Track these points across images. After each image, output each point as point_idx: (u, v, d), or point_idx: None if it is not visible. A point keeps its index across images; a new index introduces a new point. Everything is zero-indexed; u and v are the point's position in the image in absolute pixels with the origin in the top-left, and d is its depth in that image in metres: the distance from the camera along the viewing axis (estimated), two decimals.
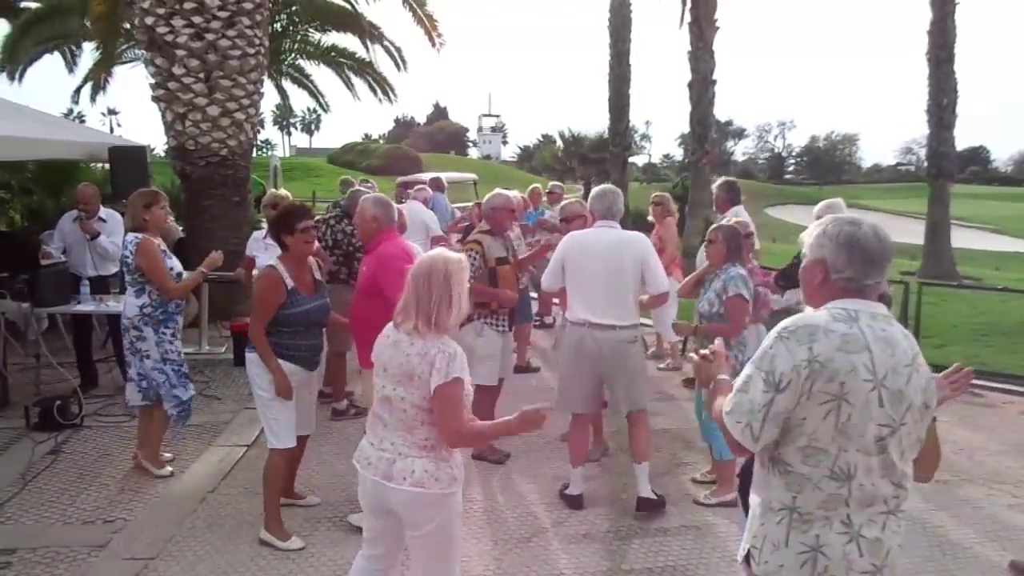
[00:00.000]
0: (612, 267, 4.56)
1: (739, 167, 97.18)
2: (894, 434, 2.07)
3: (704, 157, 16.56)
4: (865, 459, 2.06)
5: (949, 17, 18.30)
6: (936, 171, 19.24)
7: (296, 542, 4.25)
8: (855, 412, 2.03)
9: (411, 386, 2.79)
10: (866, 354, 2.04)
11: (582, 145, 35.86)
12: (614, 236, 4.70)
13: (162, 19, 8.35)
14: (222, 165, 8.85)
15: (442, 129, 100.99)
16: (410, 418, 2.81)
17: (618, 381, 4.72)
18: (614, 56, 20.81)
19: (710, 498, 4.88)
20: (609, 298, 4.57)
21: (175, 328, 5.03)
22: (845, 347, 2.04)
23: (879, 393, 2.04)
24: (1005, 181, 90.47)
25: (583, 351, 4.65)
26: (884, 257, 2.15)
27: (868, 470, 2.07)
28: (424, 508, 2.82)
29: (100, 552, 4.21)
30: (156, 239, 4.93)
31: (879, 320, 2.11)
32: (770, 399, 2.07)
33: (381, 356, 2.90)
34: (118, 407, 6.48)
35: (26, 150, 7.27)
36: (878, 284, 2.16)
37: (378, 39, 15.68)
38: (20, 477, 5.13)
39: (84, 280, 6.67)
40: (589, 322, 4.59)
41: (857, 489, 2.07)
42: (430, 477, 2.80)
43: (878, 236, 2.13)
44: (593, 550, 4.30)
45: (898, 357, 2.07)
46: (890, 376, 2.05)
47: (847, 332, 2.06)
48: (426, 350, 2.77)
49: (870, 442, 2.05)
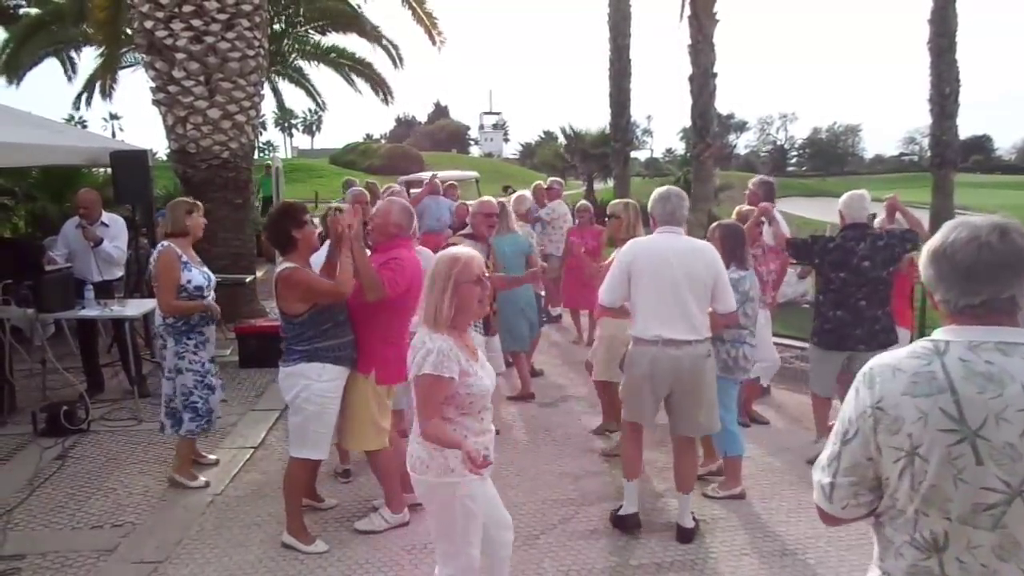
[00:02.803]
0: (688, 276, 4.11)
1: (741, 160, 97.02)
2: (1012, 503, 1.58)
3: (706, 151, 16.52)
4: (962, 529, 1.62)
5: (950, 5, 18.25)
6: (939, 160, 19.22)
7: (320, 545, 4.24)
8: (931, 469, 1.62)
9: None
10: (946, 396, 1.61)
11: (584, 141, 35.77)
12: (686, 243, 4.27)
13: (161, 23, 8.35)
14: (223, 168, 8.85)
15: (443, 128, 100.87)
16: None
17: (689, 400, 4.28)
18: (614, 51, 20.78)
19: (718, 491, 4.88)
20: (685, 310, 4.14)
21: (199, 340, 4.95)
22: (913, 389, 1.64)
23: (972, 446, 1.58)
24: (1009, 169, 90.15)
25: (658, 370, 4.20)
26: (991, 267, 1.64)
27: (971, 545, 1.62)
28: (420, 489, 3.01)
29: (109, 556, 4.22)
30: (182, 250, 4.92)
31: (985, 351, 1.62)
32: (838, 451, 1.78)
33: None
34: (125, 412, 6.50)
35: (29, 156, 7.29)
36: (998, 301, 1.65)
37: (377, 39, 15.71)
38: (28, 483, 5.14)
39: (89, 285, 6.68)
40: (663, 338, 4.14)
41: (954, 565, 1.65)
42: (421, 464, 2.94)
43: (980, 239, 1.65)
44: (601, 546, 4.30)
45: (1008, 398, 1.57)
46: (992, 425, 1.57)
47: (920, 371, 1.65)
48: (417, 346, 2.90)
49: (968, 510, 1.60)
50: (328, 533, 4.43)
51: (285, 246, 4.19)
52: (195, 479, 5.10)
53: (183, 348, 4.91)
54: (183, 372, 4.94)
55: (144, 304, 7.05)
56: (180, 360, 4.92)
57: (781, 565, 4.10)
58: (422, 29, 14.13)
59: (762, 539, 4.39)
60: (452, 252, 2.99)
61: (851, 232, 5.14)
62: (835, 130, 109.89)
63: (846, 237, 5.14)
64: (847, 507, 1.79)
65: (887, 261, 5.03)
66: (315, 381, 4.09)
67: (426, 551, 4.22)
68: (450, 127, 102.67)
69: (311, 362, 4.09)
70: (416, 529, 4.45)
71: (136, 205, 8.10)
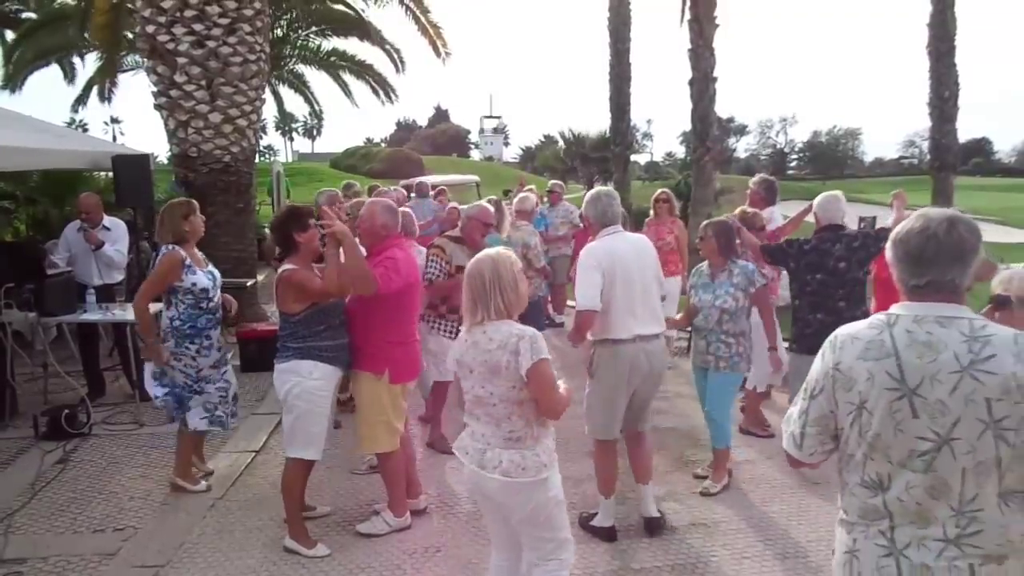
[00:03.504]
0: (643, 271, 4.26)
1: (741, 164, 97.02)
2: (939, 451, 1.87)
3: (706, 154, 16.52)
4: (901, 472, 1.93)
5: (949, 10, 18.26)
6: (939, 164, 19.20)
7: (322, 549, 4.25)
8: (876, 421, 1.94)
9: (498, 379, 2.93)
10: (891, 360, 1.92)
11: (584, 145, 35.83)
12: (632, 240, 4.42)
13: (163, 27, 8.38)
14: (225, 172, 8.88)
15: (444, 131, 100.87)
16: (498, 412, 2.97)
17: (646, 395, 4.38)
18: (614, 55, 20.79)
19: (715, 486, 4.91)
20: (649, 306, 4.26)
21: (202, 344, 4.86)
22: (865, 355, 1.97)
23: (910, 402, 1.90)
24: (1008, 172, 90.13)
25: (635, 370, 4.22)
26: (936, 254, 1.93)
27: (909, 486, 1.92)
28: (515, 495, 2.98)
29: (111, 560, 4.22)
30: (187, 252, 4.86)
31: (926, 323, 1.92)
32: (807, 406, 2.12)
33: (464, 359, 3.04)
34: (126, 415, 6.51)
35: (30, 160, 7.29)
36: (939, 282, 1.93)
37: (379, 42, 15.74)
38: (29, 487, 5.15)
39: (90, 289, 6.70)
40: (639, 335, 4.19)
41: (895, 503, 1.95)
42: (516, 467, 2.95)
43: (929, 230, 1.93)
44: (603, 549, 4.30)
45: (943, 363, 1.86)
46: (927, 385, 1.87)
47: (873, 339, 1.97)
48: (506, 341, 2.91)
49: (905, 456, 1.92)
50: (329, 536, 4.43)
51: (287, 248, 4.22)
52: (197, 483, 5.10)
53: (183, 351, 4.83)
54: (175, 370, 4.85)
55: None
56: (176, 361, 4.83)
57: (783, 569, 4.11)
58: (426, 40, 14.04)
59: (763, 542, 4.39)
60: (488, 254, 3.07)
61: (826, 234, 5.06)
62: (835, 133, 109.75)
63: (822, 239, 5.05)
64: (814, 454, 2.14)
65: (862, 261, 4.94)
66: (306, 378, 4.13)
67: (426, 556, 4.23)
68: (450, 131, 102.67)
69: (304, 359, 4.13)
70: (417, 534, 4.46)
71: (137, 209, 8.11)
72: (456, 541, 4.42)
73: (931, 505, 1.90)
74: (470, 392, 3.05)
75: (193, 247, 4.95)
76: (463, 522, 4.65)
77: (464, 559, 4.22)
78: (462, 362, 3.06)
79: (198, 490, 5.05)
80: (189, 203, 4.99)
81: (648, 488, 4.52)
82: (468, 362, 3.02)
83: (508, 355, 2.89)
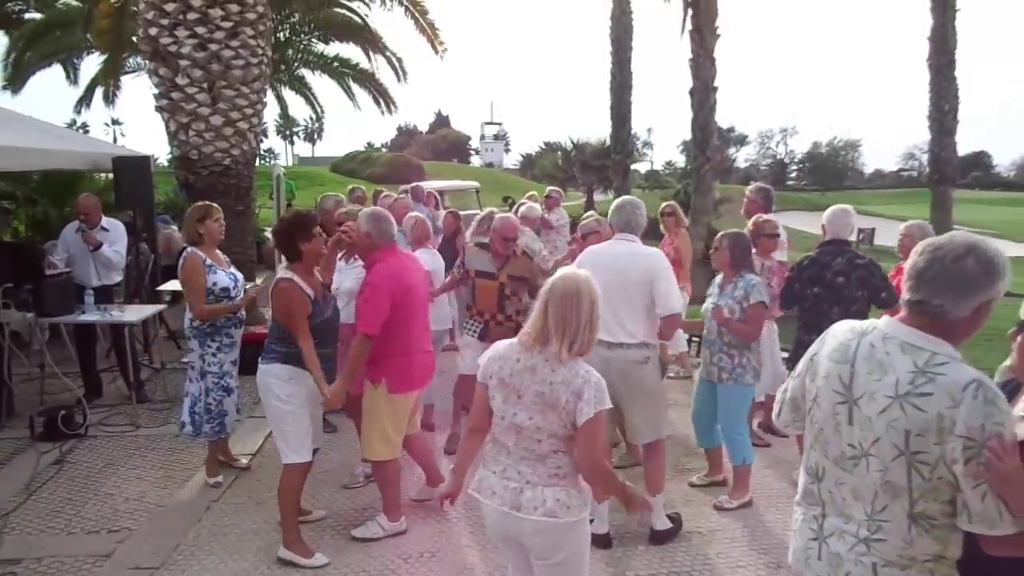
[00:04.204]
0: (617, 282, 4.22)
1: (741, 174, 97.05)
2: (860, 460, 2.00)
3: (706, 164, 16.56)
4: (834, 468, 2.08)
5: (950, 24, 18.37)
6: (938, 176, 19.29)
7: (320, 558, 4.19)
8: (820, 417, 2.12)
9: (551, 415, 2.64)
10: (847, 367, 2.05)
11: (584, 152, 35.83)
12: (626, 250, 4.43)
13: (166, 30, 8.39)
14: (225, 175, 8.87)
15: (444, 137, 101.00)
16: (544, 448, 2.68)
17: (630, 406, 4.40)
18: (616, 64, 20.84)
19: (730, 502, 4.90)
20: (616, 314, 4.26)
21: (224, 342, 5.02)
22: (833, 355, 2.11)
23: (849, 410, 2.03)
24: (1007, 186, 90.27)
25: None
26: (935, 277, 1.91)
27: (837, 482, 2.07)
28: (555, 536, 2.70)
29: (105, 562, 4.21)
30: (206, 253, 4.96)
31: (890, 344, 1.97)
32: (789, 384, 2.33)
33: (512, 381, 2.70)
34: (123, 417, 6.50)
35: (30, 160, 7.31)
36: (927, 304, 1.93)
37: (381, 50, 15.78)
38: (25, 487, 5.14)
39: (88, 290, 6.70)
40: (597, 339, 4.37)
41: (827, 494, 2.11)
42: (562, 506, 2.68)
43: (941, 251, 1.92)
44: (597, 557, 4.29)
45: (884, 385, 1.94)
46: (865, 399, 1.98)
47: (845, 343, 2.09)
48: (571, 379, 2.62)
49: (837, 454, 2.07)
50: (324, 541, 4.43)
51: (291, 255, 4.20)
52: (216, 475, 5.22)
53: (206, 350, 4.98)
54: (205, 377, 5.00)
55: (143, 310, 7.07)
56: (202, 363, 5.00)
57: None
58: (424, 39, 14.22)
59: (759, 551, 4.39)
60: (586, 276, 2.75)
61: (828, 247, 5.01)
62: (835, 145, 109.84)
63: (823, 252, 5.01)
64: (787, 425, 2.37)
65: (861, 282, 4.84)
66: (284, 381, 4.11)
67: (421, 560, 4.23)
68: (451, 137, 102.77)
69: (285, 364, 4.12)
70: (412, 538, 4.46)
71: (137, 210, 8.12)
72: (452, 545, 4.42)
73: (852, 504, 2.03)
74: (508, 419, 2.71)
75: (213, 248, 5.06)
76: (459, 527, 4.65)
77: (460, 564, 4.21)
78: (508, 383, 2.71)
79: (213, 483, 5.17)
80: (206, 208, 5.09)
81: (656, 500, 4.45)
82: (517, 385, 2.69)
83: (569, 395, 2.61)
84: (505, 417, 2.72)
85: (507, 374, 2.72)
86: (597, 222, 6.17)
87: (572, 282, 2.69)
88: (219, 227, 5.06)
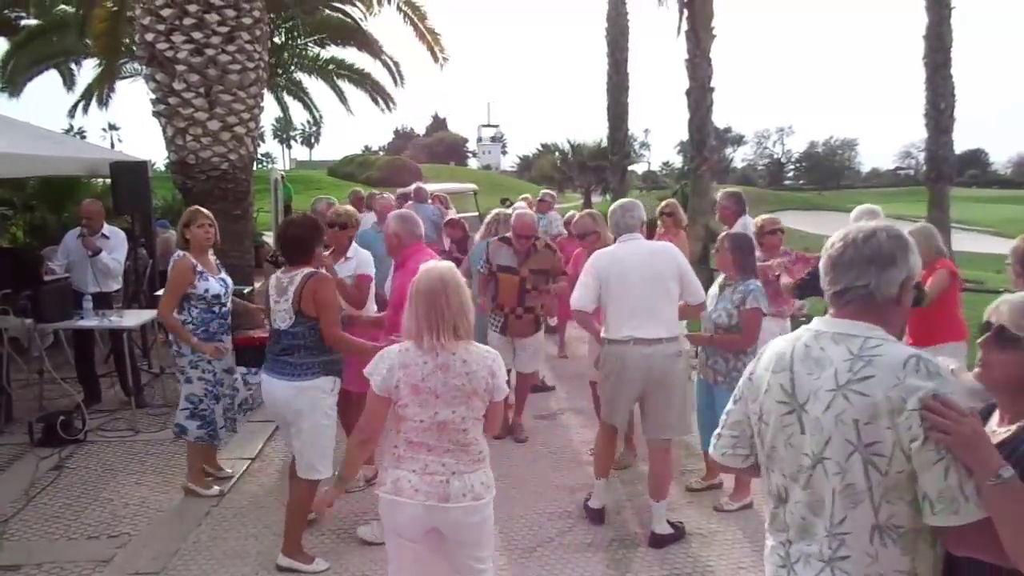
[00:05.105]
0: (650, 277, 4.38)
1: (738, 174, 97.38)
2: (816, 468, 1.85)
3: (703, 164, 16.55)
4: (792, 485, 1.92)
5: (945, 22, 18.41)
6: (935, 175, 19.32)
7: (320, 563, 4.18)
8: (770, 433, 1.96)
9: (475, 401, 2.82)
10: (786, 374, 1.92)
11: (581, 154, 35.89)
12: (645, 247, 4.60)
13: (162, 35, 8.38)
14: (223, 179, 8.86)
15: (441, 140, 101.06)
16: (467, 436, 2.84)
17: (662, 400, 4.45)
18: (612, 65, 20.89)
19: (731, 504, 4.90)
20: (651, 311, 4.36)
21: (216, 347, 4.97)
22: (770, 366, 1.98)
23: (799, 418, 1.89)
24: (1004, 184, 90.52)
25: (627, 368, 4.41)
26: (851, 260, 1.88)
27: (795, 500, 1.92)
28: (481, 514, 2.89)
29: (105, 567, 4.21)
30: (197, 259, 4.91)
31: (823, 339, 1.89)
32: (728, 409, 2.15)
33: (425, 384, 2.76)
34: (122, 422, 6.50)
35: (28, 167, 7.30)
36: (852, 290, 1.88)
37: (377, 53, 15.76)
38: (24, 493, 5.14)
39: (87, 296, 6.69)
40: (634, 338, 4.35)
41: (790, 516, 1.94)
42: (485, 487, 2.89)
43: (848, 237, 1.90)
44: (598, 559, 4.30)
45: (823, 380, 1.84)
46: (811, 401, 1.86)
47: (781, 351, 1.97)
48: (482, 360, 2.83)
49: (795, 470, 1.91)
50: (324, 545, 4.43)
51: (300, 258, 4.13)
52: (209, 488, 5.13)
53: (198, 357, 4.91)
54: (193, 381, 4.95)
55: (142, 315, 7.06)
56: (193, 369, 4.93)
57: None
58: (424, 46, 14.10)
59: (759, 553, 4.35)
60: (438, 267, 2.94)
61: None
62: (832, 144, 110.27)
63: None
64: (725, 455, 2.15)
65: None
66: (329, 395, 4.13)
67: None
68: (448, 139, 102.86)
69: (328, 375, 4.12)
70: None
71: (135, 215, 8.12)
72: None
73: (813, 521, 1.88)
74: (429, 419, 2.78)
75: (205, 254, 5.03)
76: None
77: None
78: (421, 387, 2.76)
79: (210, 494, 5.08)
80: (192, 213, 5.07)
81: (661, 505, 4.49)
82: (432, 387, 2.76)
83: (486, 375, 2.81)
84: (425, 420, 2.79)
85: (418, 379, 2.78)
86: (593, 219, 6.08)
87: (435, 275, 2.83)
88: (204, 233, 4.98)
